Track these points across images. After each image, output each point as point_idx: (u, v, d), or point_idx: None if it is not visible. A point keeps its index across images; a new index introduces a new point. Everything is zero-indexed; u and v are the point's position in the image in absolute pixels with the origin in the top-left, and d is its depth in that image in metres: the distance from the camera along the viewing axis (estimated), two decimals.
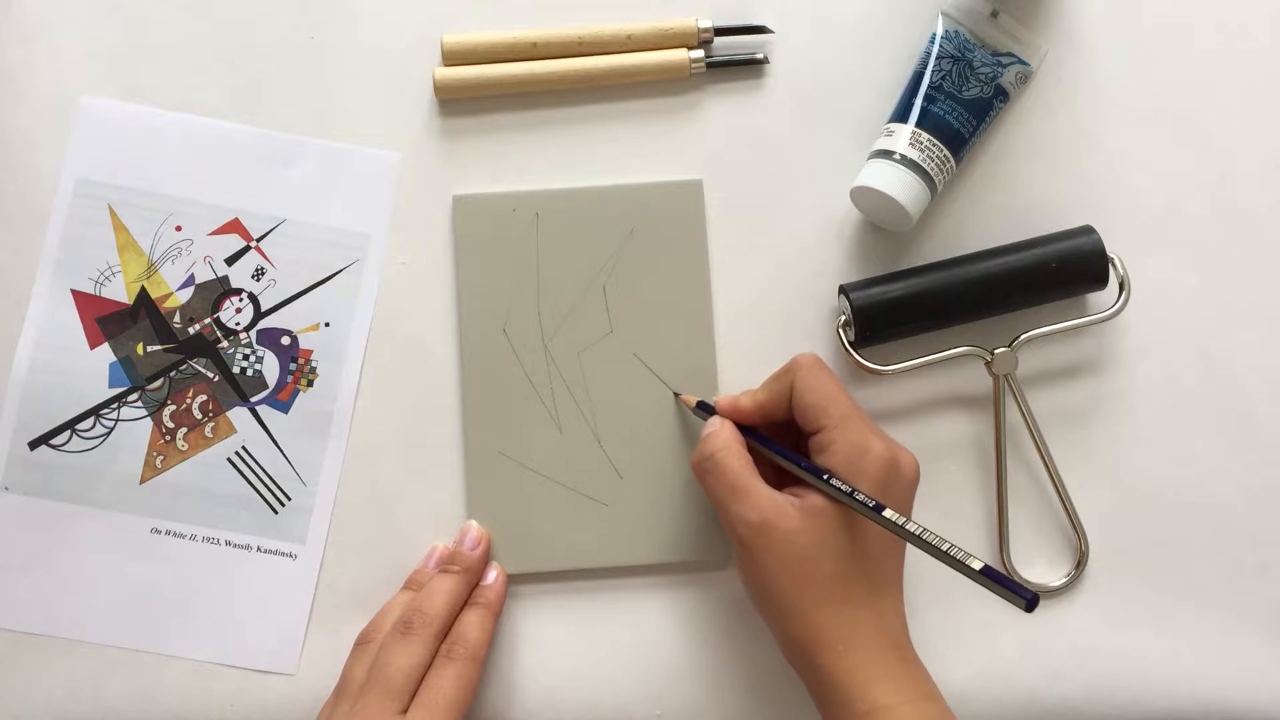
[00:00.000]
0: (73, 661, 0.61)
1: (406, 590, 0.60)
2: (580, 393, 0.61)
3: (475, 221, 0.62)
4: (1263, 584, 0.61)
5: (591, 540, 0.61)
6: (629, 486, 0.61)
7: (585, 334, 0.62)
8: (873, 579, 0.54)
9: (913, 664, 0.54)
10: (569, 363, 0.61)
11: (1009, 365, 0.60)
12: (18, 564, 0.61)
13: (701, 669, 0.61)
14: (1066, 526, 0.62)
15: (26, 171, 0.63)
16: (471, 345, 0.62)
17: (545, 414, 0.61)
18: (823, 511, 0.53)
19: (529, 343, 0.61)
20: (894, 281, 0.60)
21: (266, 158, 0.63)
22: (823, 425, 0.55)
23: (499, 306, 0.62)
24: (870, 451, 0.54)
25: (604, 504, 0.61)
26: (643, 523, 0.61)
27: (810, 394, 0.56)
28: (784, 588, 0.53)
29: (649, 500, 0.61)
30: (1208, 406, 0.62)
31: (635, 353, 0.62)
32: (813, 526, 0.53)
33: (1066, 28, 0.64)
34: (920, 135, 0.59)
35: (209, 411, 0.62)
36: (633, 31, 0.63)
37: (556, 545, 0.61)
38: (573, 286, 0.62)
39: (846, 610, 0.53)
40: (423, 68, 0.63)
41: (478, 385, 0.61)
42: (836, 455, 0.54)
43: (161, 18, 0.64)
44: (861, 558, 0.54)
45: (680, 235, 0.62)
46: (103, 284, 0.62)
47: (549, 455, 0.61)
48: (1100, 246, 0.60)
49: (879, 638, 0.53)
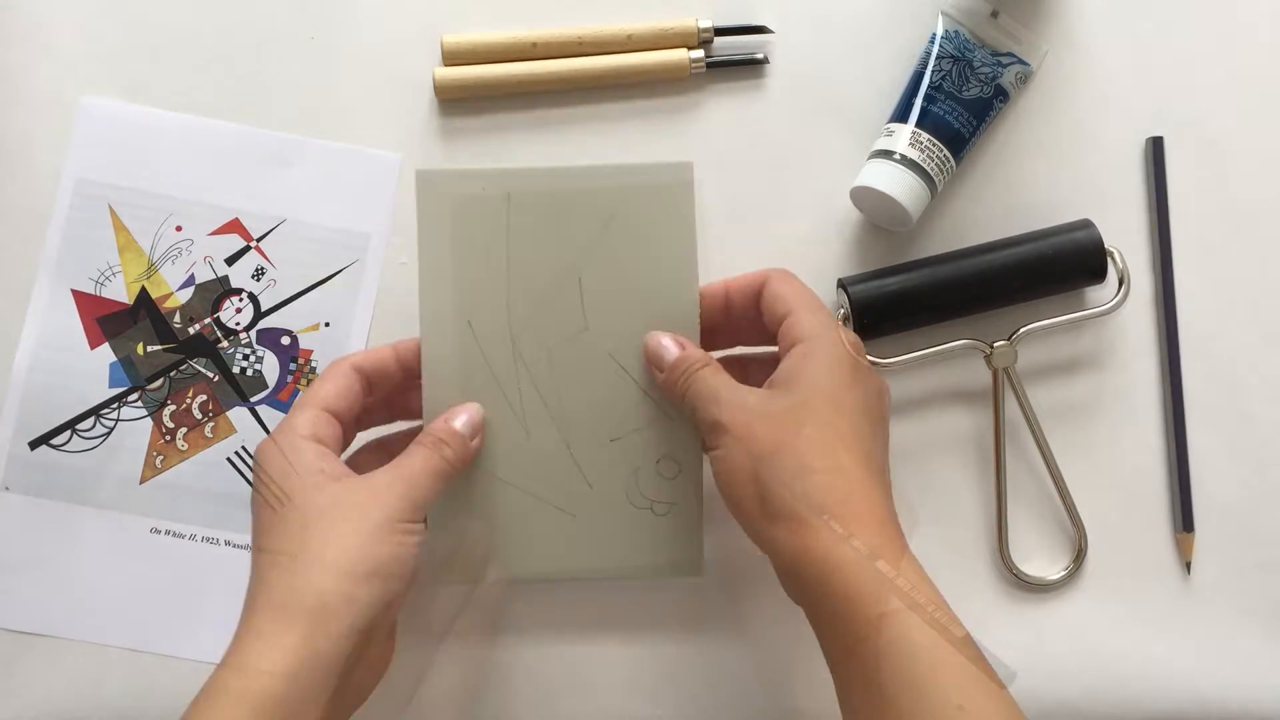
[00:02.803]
0: (73, 661, 0.61)
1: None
2: (550, 394, 0.57)
3: (440, 201, 0.56)
4: (1263, 583, 0.61)
5: (559, 549, 0.57)
6: (598, 496, 0.57)
7: (558, 329, 0.57)
8: (859, 447, 0.51)
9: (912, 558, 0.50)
10: (538, 361, 0.57)
11: (1008, 359, 0.60)
12: (18, 564, 0.61)
13: (701, 669, 0.61)
14: (1065, 520, 0.62)
15: (26, 171, 0.63)
16: (433, 337, 0.56)
17: (512, 415, 0.57)
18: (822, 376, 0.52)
19: (495, 337, 0.56)
20: (893, 275, 0.60)
21: (266, 158, 0.63)
22: (791, 309, 0.54)
23: (464, 295, 0.56)
24: (841, 332, 0.53)
25: (571, 514, 0.57)
26: (611, 533, 0.57)
27: (784, 285, 0.55)
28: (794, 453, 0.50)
29: (618, 511, 0.57)
30: (1208, 406, 0.62)
31: (611, 353, 0.57)
32: (788, 391, 0.52)
33: (1066, 28, 0.64)
34: (920, 135, 0.59)
35: (209, 411, 0.62)
36: (633, 31, 0.63)
37: (522, 553, 0.57)
38: (545, 276, 0.56)
39: (843, 482, 0.50)
40: (423, 68, 0.63)
41: (440, 381, 0.56)
42: (805, 329, 0.53)
43: (161, 18, 0.64)
44: (850, 417, 0.52)
45: (666, 221, 0.56)
46: (103, 284, 0.62)
47: (514, 460, 0.57)
48: (1098, 240, 0.60)
49: (882, 521, 0.49)
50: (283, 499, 0.50)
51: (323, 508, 0.49)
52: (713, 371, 0.54)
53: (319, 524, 0.49)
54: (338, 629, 0.47)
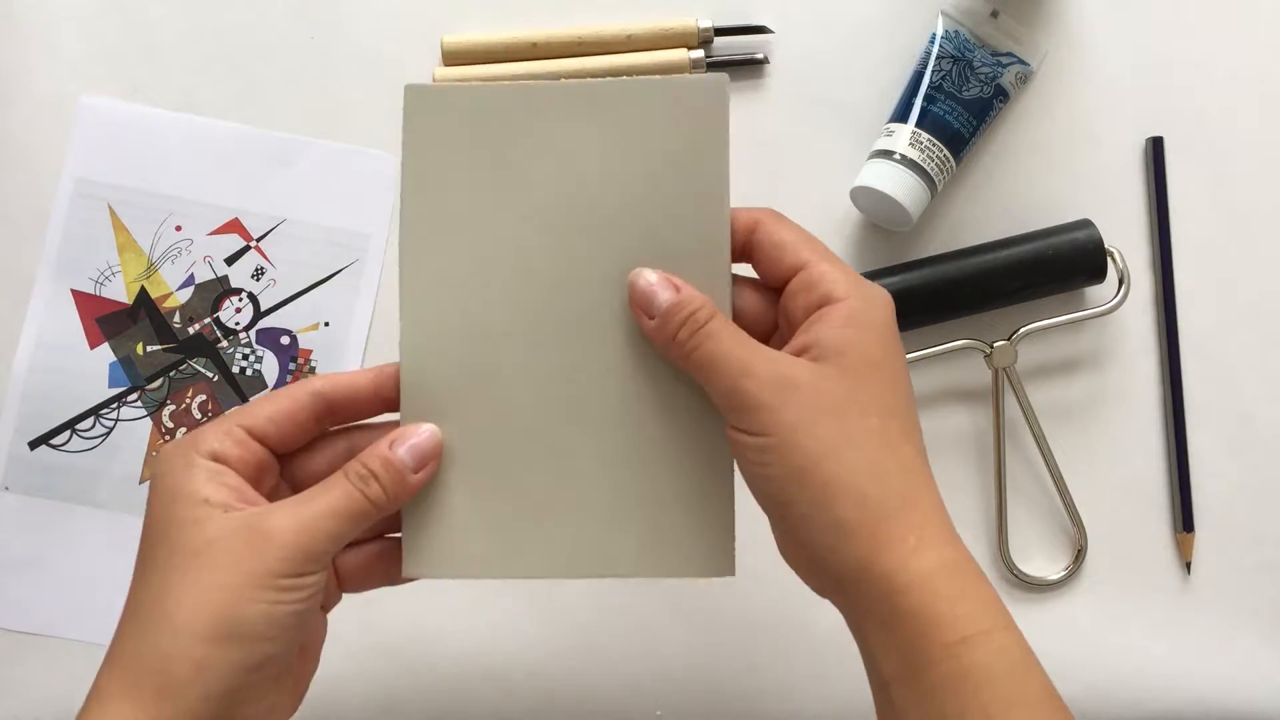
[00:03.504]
0: (73, 661, 0.61)
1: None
2: (554, 356, 0.47)
3: (432, 123, 0.48)
4: (1263, 583, 0.61)
5: (568, 546, 0.48)
6: (610, 484, 0.48)
7: (563, 274, 0.47)
8: (917, 437, 0.44)
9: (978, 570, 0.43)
10: (541, 318, 0.47)
11: (1008, 358, 0.60)
12: (18, 564, 0.61)
13: (701, 669, 0.61)
14: (1065, 520, 0.62)
15: (26, 171, 0.63)
16: (415, 290, 0.48)
17: (509, 385, 0.47)
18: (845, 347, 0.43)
19: (489, 287, 0.47)
20: (893, 275, 0.60)
21: (266, 158, 0.63)
22: (806, 260, 0.44)
23: (455, 236, 0.48)
24: (875, 288, 0.45)
25: (576, 506, 0.48)
26: (627, 528, 0.48)
27: (784, 230, 0.46)
28: (823, 450, 0.42)
29: (633, 501, 0.48)
30: (1208, 406, 0.62)
31: (624, 307, 0.47)
32: (841, 367, 0.43)
33: (1066, 28, 0.64)
34: (920, 135, 0.59)
35: (209, 411, 0.62)
36: (633, 31, 0.63)
37: (525, 551, 0.48)
38: (552, 213, 0.47)
39: (911, 481, 0.43)
40: (423, 68, 0.63)
41: (421, 349, 0.47)
42: (838, 285, 0.44)
43: (161, 18, 0.64)
44: (905, 401, 0.44)
45: (696, 146, 0.46)
46: (103, 284, 0.62)
47: (509, 442, 0.48)
48: (1098, 239, 0.60)
49: (947, 526, 0.43)
50: (156, 529, 0.43)
51: (194, 549, 0.41)
52: (724, 326, 0.44)
53: (183, 570, 0.41)
54: (186, 700, 0.40)
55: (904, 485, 0.42)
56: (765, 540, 0.45)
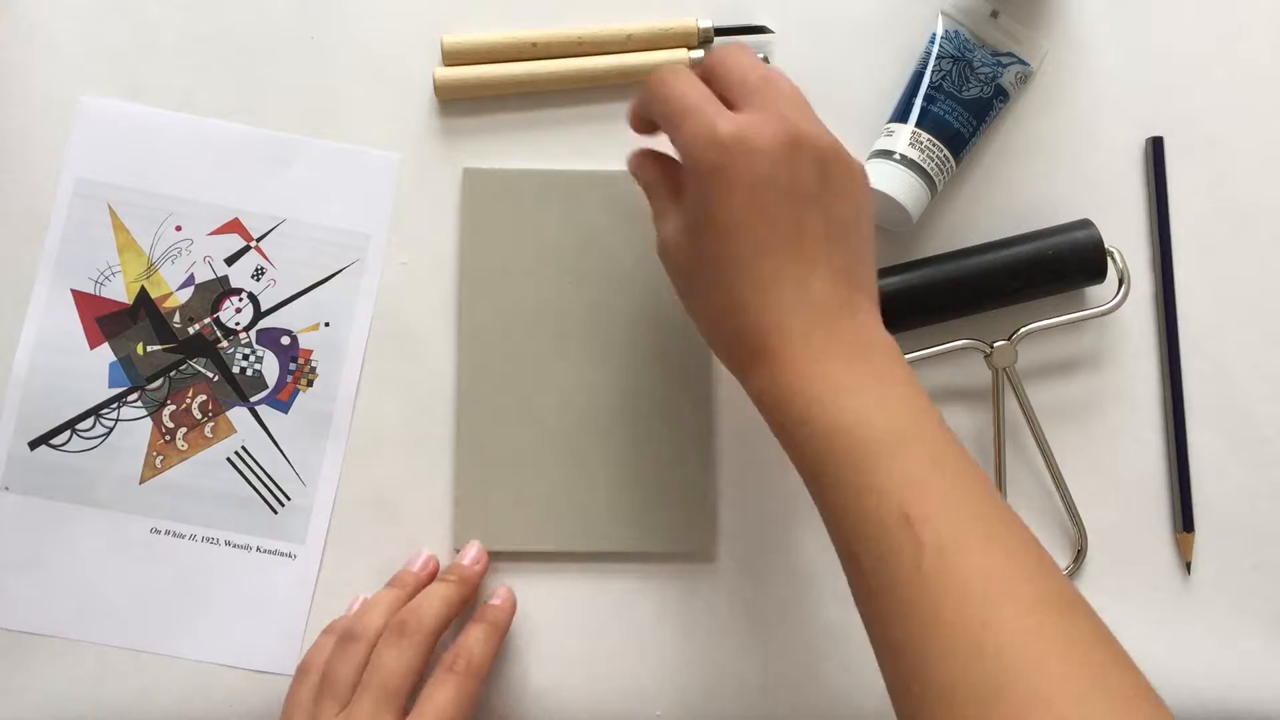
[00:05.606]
0: (73, 661, 0.61)
1: (391, 589, 0.59)
2: (563, 369, 0.61)
3: (484, 198, 0.62)
4: (1263, 583, 0.61)
5: (566, 526, 0.60)
6: (608, 473, 0.60)
7: (580, 306, 0.61)
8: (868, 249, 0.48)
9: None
10: (560, 339, 0.61)
11: (1008, 358, 0.60)
12: (18, 564, 0.61)
13: (701, 668, 0.61)
14: (1065, 520, 0.62)
15: (26, 171, 0.63)
16: (470, 321, 0.61)
17: (529, 390, 0.61)
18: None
19: (530, 321, 0.61)
20: (893, 275, 0.60)
21: (266, 158, 0.63)
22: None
23: (502, 289, 0.61)
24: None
25: (592, 487, 0.61)
26: (632, 511, 0.60)
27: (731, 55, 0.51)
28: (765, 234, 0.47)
29: (640, 489, 0.60)
30: (1208, 406, 0.62)
31: (626, 327, 0.61)
32: (791, 146, 0.47)
33: (1066, 28, 0.64)
34: (920, 135, 0.59)
35: (209, 411, 0.62)
36: (632, 31, 0.63)
37: (541, 527, 0.60)
38: (574, 256, 0.61)
39: (849, 280, 0.47)
40: (423, 68, 0.63)
41: (474, 369, 0.61)
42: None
43: (161, 18, 0.64)
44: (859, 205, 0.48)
45: None
46: (103, 284, 0.62)
47: (527, 435, 0.61)
48: (1098, 239, 0.60)
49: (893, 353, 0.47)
50: None
51: None
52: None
53: None
54: None
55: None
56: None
